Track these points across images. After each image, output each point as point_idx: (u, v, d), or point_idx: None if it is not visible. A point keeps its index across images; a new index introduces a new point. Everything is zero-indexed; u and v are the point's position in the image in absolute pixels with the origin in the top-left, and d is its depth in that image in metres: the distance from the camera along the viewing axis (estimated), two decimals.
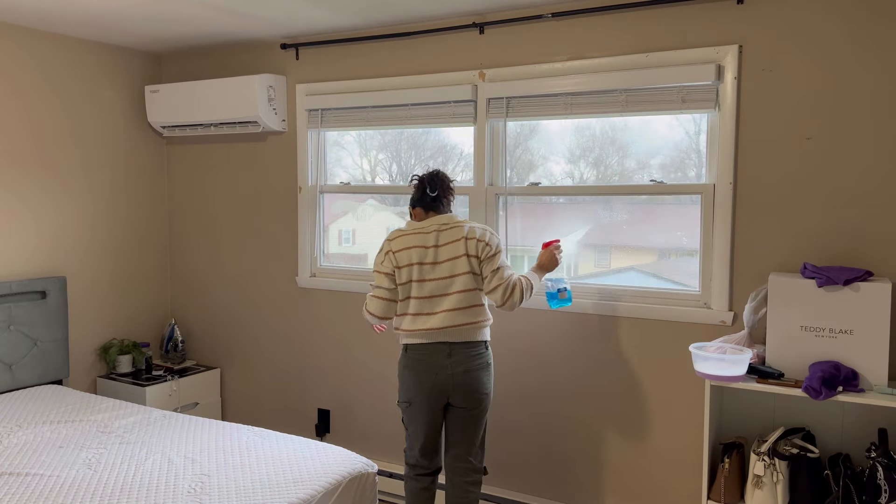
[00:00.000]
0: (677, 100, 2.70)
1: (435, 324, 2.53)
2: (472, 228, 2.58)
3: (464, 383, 2.55)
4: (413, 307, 2.57)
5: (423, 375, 2.56)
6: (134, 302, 3.96)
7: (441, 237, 2.57)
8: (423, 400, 2.58)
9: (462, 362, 2.55)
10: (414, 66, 3.27)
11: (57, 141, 3.55)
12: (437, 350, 2.55)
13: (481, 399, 2.59)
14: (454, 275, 2.54)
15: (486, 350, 2.62)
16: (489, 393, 2.63)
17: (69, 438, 2.71)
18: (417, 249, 2.56)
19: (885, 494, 2.16)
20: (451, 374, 2.54)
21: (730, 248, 2.66)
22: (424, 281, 2.55)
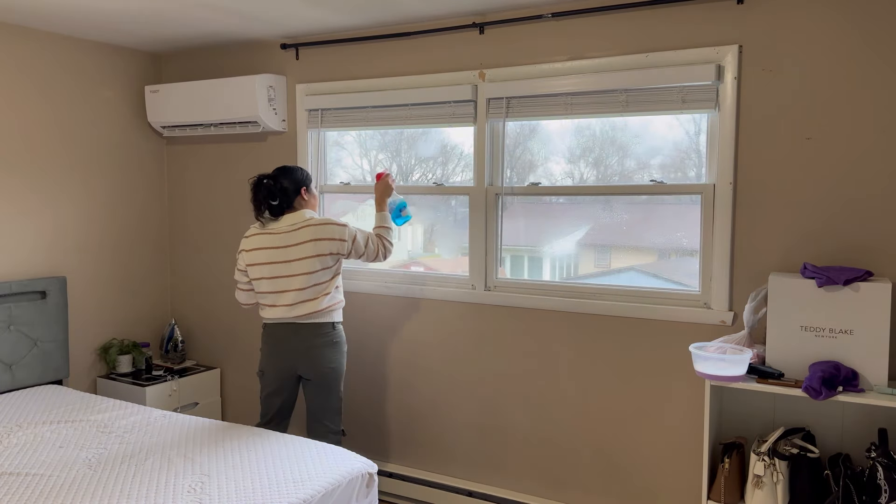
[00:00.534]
0: (677, 100, 2.70)
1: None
2: (321, 227, 2.82)
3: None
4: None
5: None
6: (134, 302, 3.96)
7: (292, 237, 2.83)
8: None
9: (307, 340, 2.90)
10: (414, 66, 3.27)
11: (57, 141, 3.55)
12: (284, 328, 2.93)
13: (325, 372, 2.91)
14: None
15: (333, 330, 2.92)
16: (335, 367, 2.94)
17: (69, 438, 2.71)
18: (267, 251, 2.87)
19: (885, 494, 2.16)
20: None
21: (730, 248, 2.66)
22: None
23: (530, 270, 3.21)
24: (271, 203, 2.86)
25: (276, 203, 2.86)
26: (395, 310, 3.42)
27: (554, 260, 3.19)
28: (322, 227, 2.82)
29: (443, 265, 3.44)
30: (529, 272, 3.21)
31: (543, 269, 3.21)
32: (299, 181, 2.93)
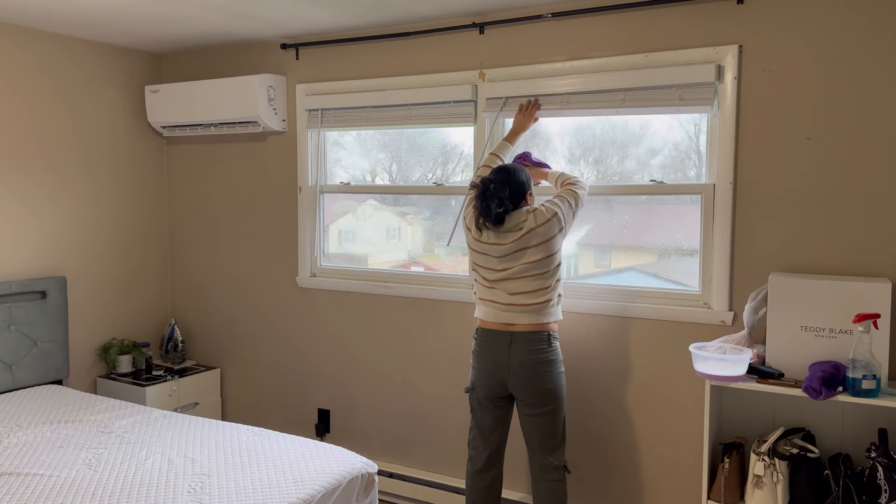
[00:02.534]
0: (677, 99, 2.70)
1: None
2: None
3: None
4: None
5: None
6: (134, 302, 3.96)
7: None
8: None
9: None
10: (414, 66, 3.27)
11: (57, 141, 3.55)
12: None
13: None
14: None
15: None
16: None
17: (69, 438, 2.71)
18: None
19: (885, 494, 2.16)
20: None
21: (730, 248, 2.66)
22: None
23: None
24: (498, 211, 2.52)
25: (503, 210, 2.52)
26: (395, 310, 3.42)
27: None
28: (534, 214, 2.53)
29: (442, 265, 3.44)
30: None
31: None
32: (525, 184, 2.60)
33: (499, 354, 2.56)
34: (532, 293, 2.53)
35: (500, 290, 2.57)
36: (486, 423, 2.66)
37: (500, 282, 2.56)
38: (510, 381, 2.56)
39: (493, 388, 2.61)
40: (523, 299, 2.53)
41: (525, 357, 2.52)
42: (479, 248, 2.60)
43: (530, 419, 2.58)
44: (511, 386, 2.57)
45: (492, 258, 2.57)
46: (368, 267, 3.58)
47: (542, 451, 2.58)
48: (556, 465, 2.59)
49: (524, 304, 2.54)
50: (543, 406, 2.55)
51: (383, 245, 3.62)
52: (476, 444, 2.70)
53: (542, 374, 2.53)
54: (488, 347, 2.60)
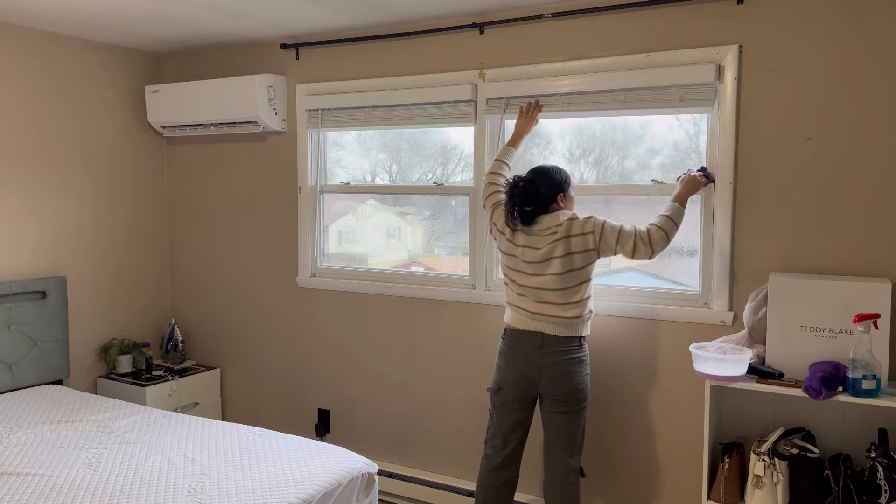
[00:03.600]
0: (677, 100, 2.70)
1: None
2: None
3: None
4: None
5: None
6: (134, 302, 3.96)
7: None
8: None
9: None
10: (414, 66, 3.27)
11: (57, 141, 3.55)
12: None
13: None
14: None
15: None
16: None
17: (69, 438, 2.71)
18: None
19: (885, 494, 2.16)
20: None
21: (730, 248, 2.66)
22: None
23: None
24: (525, 209, 2.53)
25: (531, 209, 2.53)
26: (395, 310, 3.41)
27: None
28: (571, 222, 2.51)
29: (443, 265, 3.44)
30: None
31: None
32: (558, 185, 2.59)
33: (530, 355, 2.56)
34: (560, 306, 2.52)
35: (529, 297, 2.56)
36: (508, 423, 2.65)
37: (528, 289, 2.56)
38: (541, 380, 2.55)
39: (522, 388, 2.60)
40: (551, 310, 2.53)
41: (557, 357, 2.53)
42: (508, 251, 2.60)
43: (555, 418, 2.57)
44: (541, 386, 2.56)
45: (521, 262, 2.56)
46: (368, 267, 3.58)
47: (563, 451, 2.58)
48: (573, 468, 2.59)
49: (552, 316, 2.53)
50: (572, 406, 2.55)
51: (383, 245, 3.62)
52: (495, 443, 2.69)
53: (572, 374, 2.53)
54: (518, 348, 2.59)
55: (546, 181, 2.57)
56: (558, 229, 2.50)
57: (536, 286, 2.54)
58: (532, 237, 2.54)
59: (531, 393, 2.60)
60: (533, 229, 2.55)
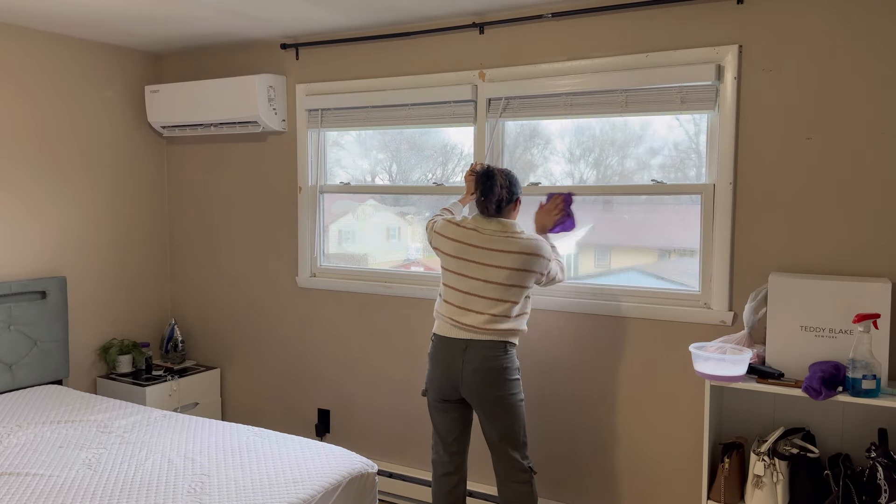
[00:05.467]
0: (677, 100, 2.70)
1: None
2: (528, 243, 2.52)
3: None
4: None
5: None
6: (134, 302, 3.96)
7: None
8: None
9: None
10: (414, 66, 3.27)
11: (57, 141, 3.55)
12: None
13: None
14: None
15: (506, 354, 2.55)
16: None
17: (69, 438, 2.71)
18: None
19: (885, 494, 2.16)
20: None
21: (730, 248, 2.66)
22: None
23: None
24: (498, 200, 2.54)
25: (499, 200, 2.54)
26: (395, 310, 3.42)
27: None
28: (536, 243, 2.52)
29: None
30: None
31: None
32: (519, 188, 2.63)
33: (453, 360, 2.53)
34: (494, 317, 2.49)
35: (464, 305, 2.52)
36: (443, 426, 2.64)
37: (468, 296, 2.52)
38: (462, 386, 2.53)
39: (444, 391, 2.58)
40: (484, 322, 2.49)
41: (479, 364, 2.48)
42: (466, 239, 2.54)
43: (487, 423, 2.55)
44: (463, 391, 2.54)
45: (475, 249, 2.52)
46: (368, 267, 3.58)
47: (505, 453, 2.55)
48: (520, 468, 2.55)
49: (482, 328, 2.49)
50: (497, 414, 2.52)
51: (383, 245, 3.62)
52: (437, 448, 2.69)
53: (493, 381, 2.49)
54: (442, 352, 2.57)
55: (512, 178, 2.60)
56: (518, 242, 2.49)
57: (473, 293, 2.51)
58: (486, 236, 2.53)
59: (455, 395, 2.58)
60: (490, 227, 2.55)
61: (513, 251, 2.49)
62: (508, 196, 2.57)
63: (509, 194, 2.57)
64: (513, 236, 2.52)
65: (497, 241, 2.52)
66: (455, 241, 2.58)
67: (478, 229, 2.56)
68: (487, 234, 2.54)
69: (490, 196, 2.54)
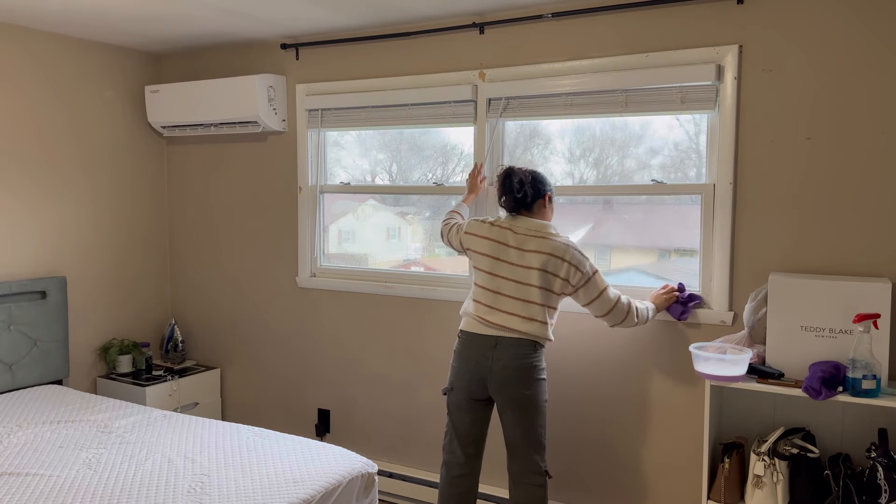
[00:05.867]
0: (677, 100, 2.70)
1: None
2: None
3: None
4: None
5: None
6: (134, 302, 3.96)
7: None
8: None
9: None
10: (414, 66, 3.27)
11: (57, 141, 3.55)
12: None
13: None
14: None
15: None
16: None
17: (69, 438, 2.71)
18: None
19: (885, 494, 2.16)
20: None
21: (730, 248, 2.66)
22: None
23: None
24: (516, 196, 2.56)
25: (521, 196, 2.56)
26: (395, 310, 3.42)
27: None
28: (566, 247, 2.50)
29: (443, 265, 3.44)
30: None
31: None
32: (548, 185, 2.65)
33: (482, 357, 2.53)
34: (523, 319, 2.50)
35: (493, 303, 2.53)
36: (464, 425, 2.62)
37: (496, 294, 2.53)
38: (491, 383, 2.52)
39: (472, 389, 2.57)
40: (513, 322, 2.49)
41: (508, 361, 2.48)
42: (498, 237, 2.55)
43: (511, 422, 2.53)
44: (491, 388, 2.53)
45: (499, 261, 2.53)
46: (368, 267, 3.58)
47: (524, 454, 2.54)
48: (536, 470, 2.54)
49: (511, 328, 2.49)
50: (520, 413, 2.51)
51: (383, 245, 3.62)
52: (452, 448, 2.66)
53: (522, 380, 2.49)
54: (470, 349, 2.56)
55: (538, 176, 2.62)
56: (547, 244, 2.49)
57: (503, 292, 2.52)
58: (515, 235, 2.54)
59: (483, 393, 2.57)
60: (518, 223, 2.57)
61: (543, 251, 2.49)
62: (533, 192, 2.58)
63: (533, 190, 2.58)
64: (546, 237, 2.52)
65: (530, 241, 2.52)
66: (490, 240, 2.59)
67: (512, 228, 2.58)
68: (521, 234, 2.55)
69: (509, 194, 2.59)
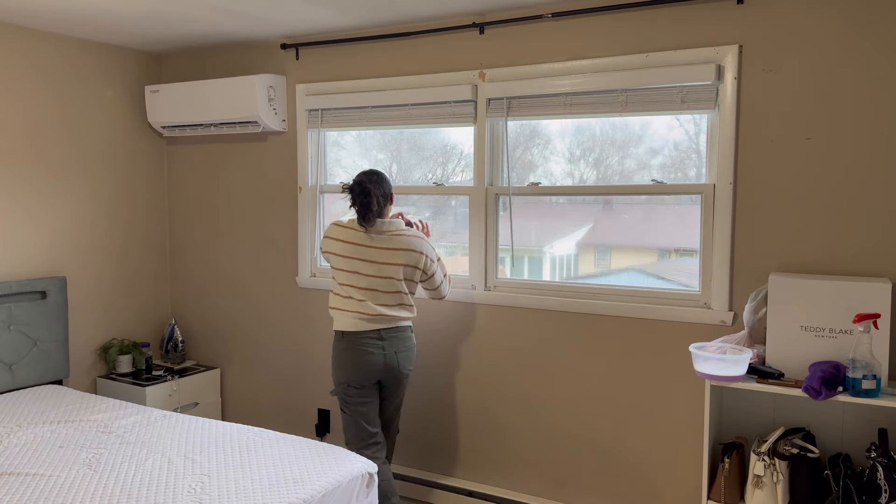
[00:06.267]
0: (677, 100, 2.70)
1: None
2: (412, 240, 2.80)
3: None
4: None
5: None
6: (134, 302, 3.96)
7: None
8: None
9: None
10: (414, 66, 3.27)
11: (57, 141, 3.55)
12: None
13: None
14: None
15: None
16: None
17: (69, 438, 2.71)
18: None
19: (885, 494, 2.16)
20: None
21: (730, 248, 2.66)
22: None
23: (530, 270, 3.21)
24: (375, 209, 2.75)
25: (371, 208, 2.74)
26: None
27: (554, 260, 3.19)
28: (420, 240, 2.81)
29: None
30: (529, 272, 3.21)
31: (543, 269, 3.21)
32: (388, 190, 2.84)
33: (373, 353, 2.78)
34: (392, 294, 2.77)
35: (369, 300, 2.76)
36: (371, 411, 2.87)
37: (368, 291, 2.76)
38: (383, 372, 2.81)
39: (366, 378, 2.82)
40: (385, 311, 2.76)
41: (396, 347, 2.81)
42: (354, 254, 2.77)
43: (393, 399, 2.93)
44: (382, 375, 2.82)
45: (360, 262, 2.76)
46: None
47: (394, 421, 2.98)
48: (398, 430, 3.04)
49: (385, 316, 2.76)
50: (402, 386, 2.92)
51: None
52: (364, 435, 2.86)
53: (407, 361, 2.86)
54: (357, 347, 2.79)
55: (385, 184, 2.83)
56: (401, 240, 2.77)
57: (373, 288, 2.76)
58: (373, 237, 2.78)
59: (375, 381, 2.85)
60: (374, 229, 2.79)
61: (403, 248, 2.76)
62: (384, 200, 2.81)
63: (384, 199, 2.81)
64: (401, 234, 2.79)
65: (390, 240, 2.77)
66: (344, 241, 2.80)
67: (368, 230, 2.79)
68: (378, 234, 2.78)
69: (368, 213, 2.74)
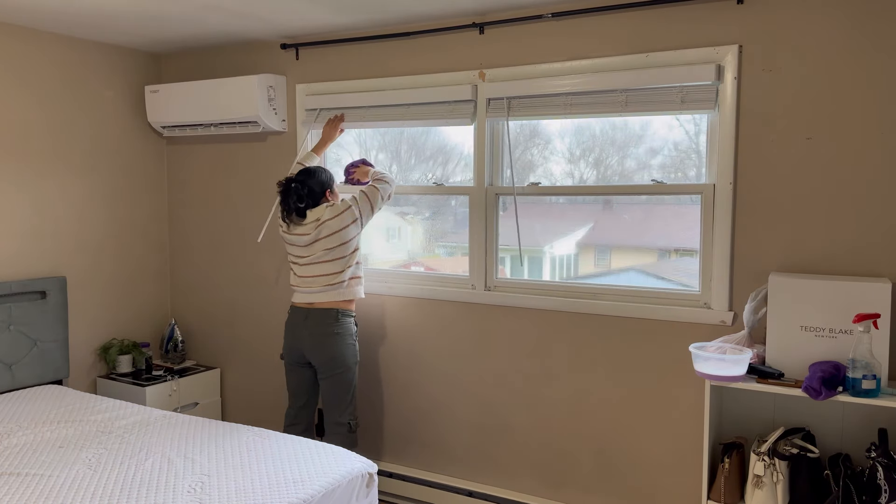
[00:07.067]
0: (677, 100, 2.70)
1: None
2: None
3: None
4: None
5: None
6: (134, 302, 3.96)
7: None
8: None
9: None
10: (414, 66, 3.27)
11: (57, 141, 3.55)
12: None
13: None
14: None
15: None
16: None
17: (69, 438, 2.71)
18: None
19: (885, 494, 2.16)
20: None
21: (730, 248, 2.66)
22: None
23: (530, 270, 3.21)
24: (298, 205, 2.98)
25: (303, 206, 2.99)
26: (395, 310, 3.42)
27: (554, 260, 3.19)
28: (325, 208, 3.01)
29: (443, 265, 3.44)
30: (529, 272, 3.21)
31: (543, 269, 3.21)
32: (325, 183, 3.06)
33: (297, 328, 3.04)
34: (328, 276, 2.99)
35: (305, 275, 3.02)
36: (292, 383, 3.15)
37: (305, 266, 3.02)
38: (305, 350, 3.03)
39: (295, 355, 3.08)
40: (320, 281, 2.99)
41: (315, 329, 2.99)
42: (288, 240, 3.05)
43: (323, 383, 3.06)
44: (307, 354, 3.04)
45: (297, 247, 3.03)
46: (368, 267, 3.57)
47: (333, 410, 3.06)
48: (341, 422, 3.07)
49: (321, 286, 2.99)
50: (332, 371, 3.01)
51: (383, 245, 3.62)
52: (288, 403, 3.20)
53: (329, 345, 2.98)
54: (291, 321, 3.08)
55: (314, 181, 3.02)
56: (321, 216, 2.97)
57: (310, 262, 3.00)
58: (303, 226, 2.99)
59: (304, 359, 3.07)
60: (304, 220, 2.99)
61: (333, 231, 2.95)
62: (313, 198, 3.00)
63: (311, 198, 2.99)
64: (322, 224, 2.95)
65: (318, 231, 2.96)
66: (289, 244, 3.06)
67: (300, 234, 2.99)
68: (310, 235, 2.97)
69: (292, 210, 2.98)
